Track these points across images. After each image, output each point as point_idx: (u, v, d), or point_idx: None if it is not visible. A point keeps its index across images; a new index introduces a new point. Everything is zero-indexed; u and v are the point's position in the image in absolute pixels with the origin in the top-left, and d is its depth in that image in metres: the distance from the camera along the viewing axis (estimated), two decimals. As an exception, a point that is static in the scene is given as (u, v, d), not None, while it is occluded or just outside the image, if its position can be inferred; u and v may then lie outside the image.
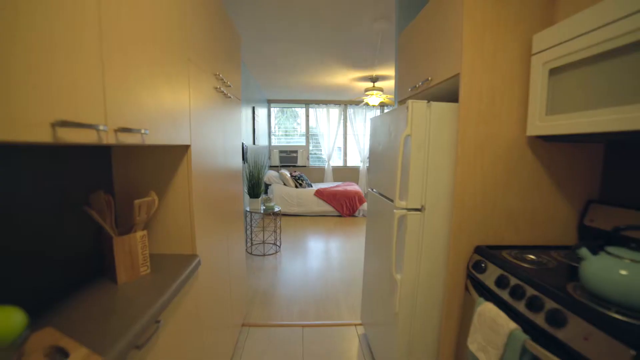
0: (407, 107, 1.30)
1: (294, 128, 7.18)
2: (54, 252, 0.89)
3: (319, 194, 5.52)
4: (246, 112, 4.52)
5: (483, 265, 1.21)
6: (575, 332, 0.80)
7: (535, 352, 0.88)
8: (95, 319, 0.77)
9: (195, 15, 1.20)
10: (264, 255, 3.65)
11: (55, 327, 0.71)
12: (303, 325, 2.28)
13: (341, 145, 7.21)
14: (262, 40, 3.22)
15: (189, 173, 1.16)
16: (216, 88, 1.52)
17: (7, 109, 0.44)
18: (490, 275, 1.16)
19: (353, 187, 5.84)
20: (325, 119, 6.92)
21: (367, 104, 5.14)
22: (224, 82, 1.65)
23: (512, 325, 0.96)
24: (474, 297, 1.20)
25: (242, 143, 3.79)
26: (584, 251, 0.90)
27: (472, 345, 1.11)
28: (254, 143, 5.03)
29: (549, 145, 1.30)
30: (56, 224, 0.90)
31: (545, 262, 1.14)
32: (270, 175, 5.69)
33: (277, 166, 6.73)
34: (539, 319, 0.90)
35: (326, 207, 5.52)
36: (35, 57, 0.49)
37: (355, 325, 2.31)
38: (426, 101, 1.29)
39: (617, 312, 0.78)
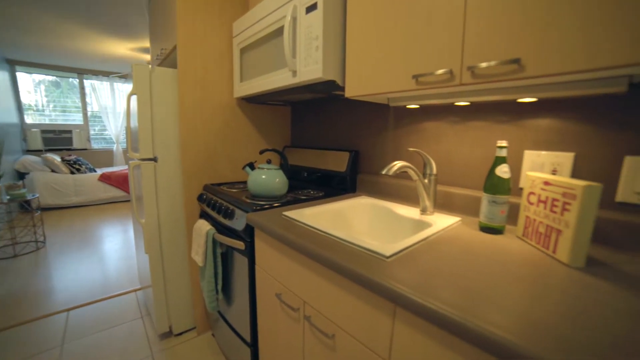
0: (132, 70, 1.47)
1: (77, 106, 5.81)
2: None
3: (105, 178, 4.87)
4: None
5: (204, 196, 1.58)
6: (236, 218, 1.25)
7: (219, 239, 1.30)
8: None
9: None
10: (14, 256, 2.95)
11: None
12: (68, 309, 2.12)
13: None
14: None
15: None
16: None
17: None
18: (206, 202, 1.54)
19: (150, 169, 5.46)
20: (108, 94, 6.00)
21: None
22: None
23: (208, 227, 1.36)
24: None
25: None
26: (247, 169, 1.39)
27: (192, 253, 1.47)
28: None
29: (252, 106, 1.81)
30: None
31: (246, 188, 1.62)
32: (26, 161, 4.47)
33: (40, 150, 5.32)
34: (222, 218, 1.33)
35: (116, 193, 4.95)
36: None
37: (136, 291, 2.36)
38: (149, 66, 1.50)
39: (259, 201, 1.28)
